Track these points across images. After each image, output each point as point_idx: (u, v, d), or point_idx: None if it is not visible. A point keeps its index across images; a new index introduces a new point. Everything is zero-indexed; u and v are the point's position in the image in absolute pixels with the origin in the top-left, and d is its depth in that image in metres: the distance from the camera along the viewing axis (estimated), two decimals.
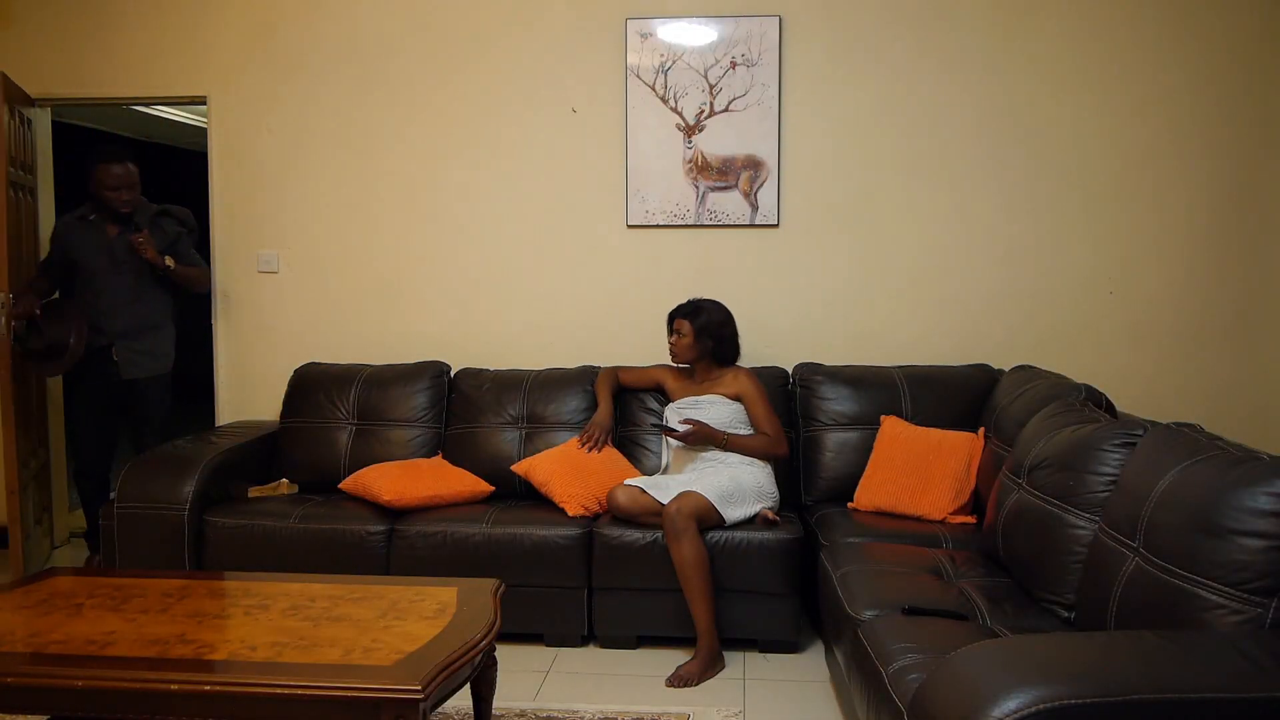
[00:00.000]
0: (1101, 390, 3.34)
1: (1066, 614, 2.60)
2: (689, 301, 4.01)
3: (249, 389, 4.74)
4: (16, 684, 2.27)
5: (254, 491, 4.07)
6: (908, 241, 4.40)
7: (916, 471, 3.71)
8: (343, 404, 4.32)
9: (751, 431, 3.86)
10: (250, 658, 2.34)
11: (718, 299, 4.03)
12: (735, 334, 4.01)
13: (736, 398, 3.90)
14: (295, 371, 4.48)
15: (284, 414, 4.39)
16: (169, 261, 4.29)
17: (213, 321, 4.75)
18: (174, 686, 2.21)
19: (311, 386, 4.39)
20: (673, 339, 3.98)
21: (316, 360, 4.57)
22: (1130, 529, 2.34)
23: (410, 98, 4.57)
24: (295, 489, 4.18)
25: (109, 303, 4.30)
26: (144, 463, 3.92)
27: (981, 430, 3.76)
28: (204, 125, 4.77)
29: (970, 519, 3.60)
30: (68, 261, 4.35)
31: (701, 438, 3.76)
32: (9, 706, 2.41)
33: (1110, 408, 3.28)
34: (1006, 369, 4.05)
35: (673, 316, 4.00)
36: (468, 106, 4.54)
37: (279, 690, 2.19)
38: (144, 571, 3.23)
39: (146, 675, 2.24)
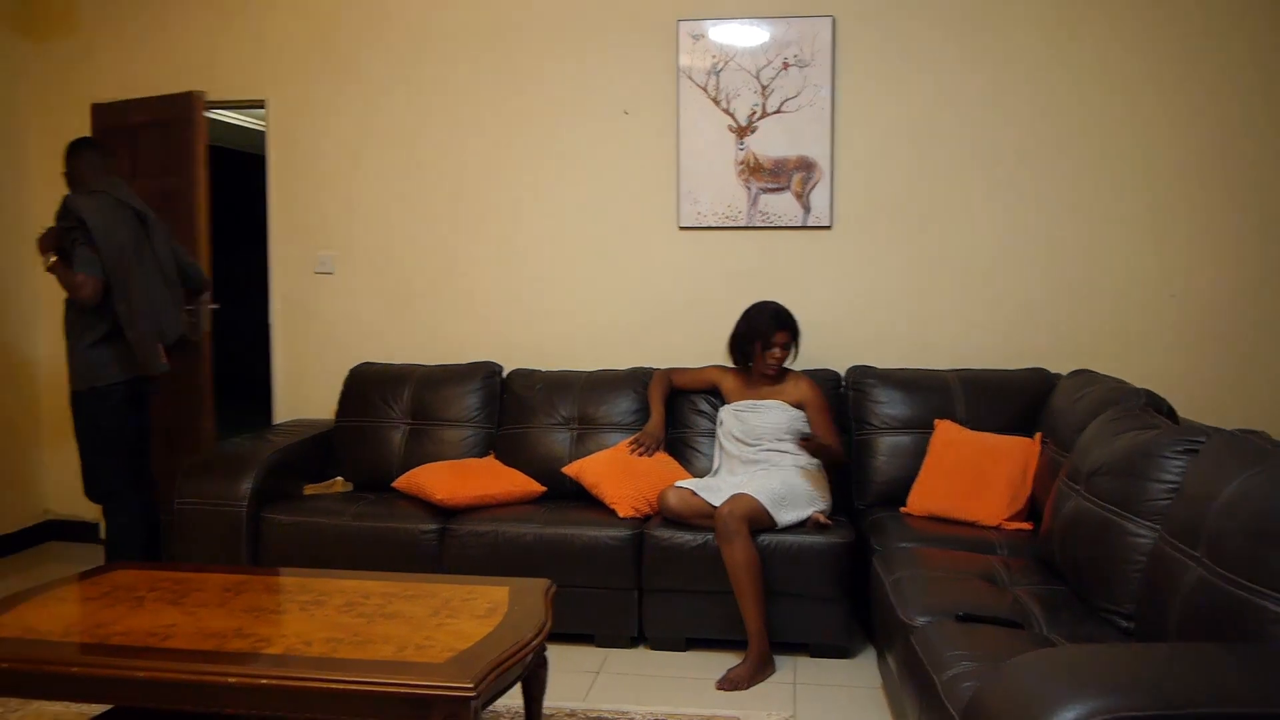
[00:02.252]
0: (1162, 395, 3.27)
1: (1125, 624, 2.55)
2: (766, 311, 3.90)
3: (305, 388, 4.81)
4: (81, 674, 2.33)
5: (309, 489, 4.13)
6: (962, 243, 4.35)
7: (971, 476, 3.67)
8: (397, 404, 4.37)
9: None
10: (305, 653, 2.37)
11: (771, 300, 4.00)
12: None
13: (798, 404, 3.87)
14: (350, 371, 4.54)
15: (339, 413, 4.45)
16: (50, 259, 3.78)
17: (270, 322, 4.83)
18: (231, 679, 2.26)
19: (366, 386, 4.44)
20: (778, 353, 3.87)
21: (371, 360, 4.63)
22: (1192, 538, 2.29)
23: (464, 101, 4.61)
24: (350, 487, 4.24)
25: None
26: (204, 460, 4.00)
27: (1038, 435, 3.70)
28: (262, 128, 4.85)
29: (1026, 525, 3.55)
30: None
31: (819, 449, 3.69)
32: (74, 695, 2.48)
33: (1171, 413, 3.22)
34: (1063, 373, 3.98)
35: (774, 330, 3.86)
36: (521, 109, 4.57)
37: (333, 685, 2.22)
38: (203, 566, 3.29)
39: (205, 668, 2.29)
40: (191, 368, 4.50)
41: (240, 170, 6.78)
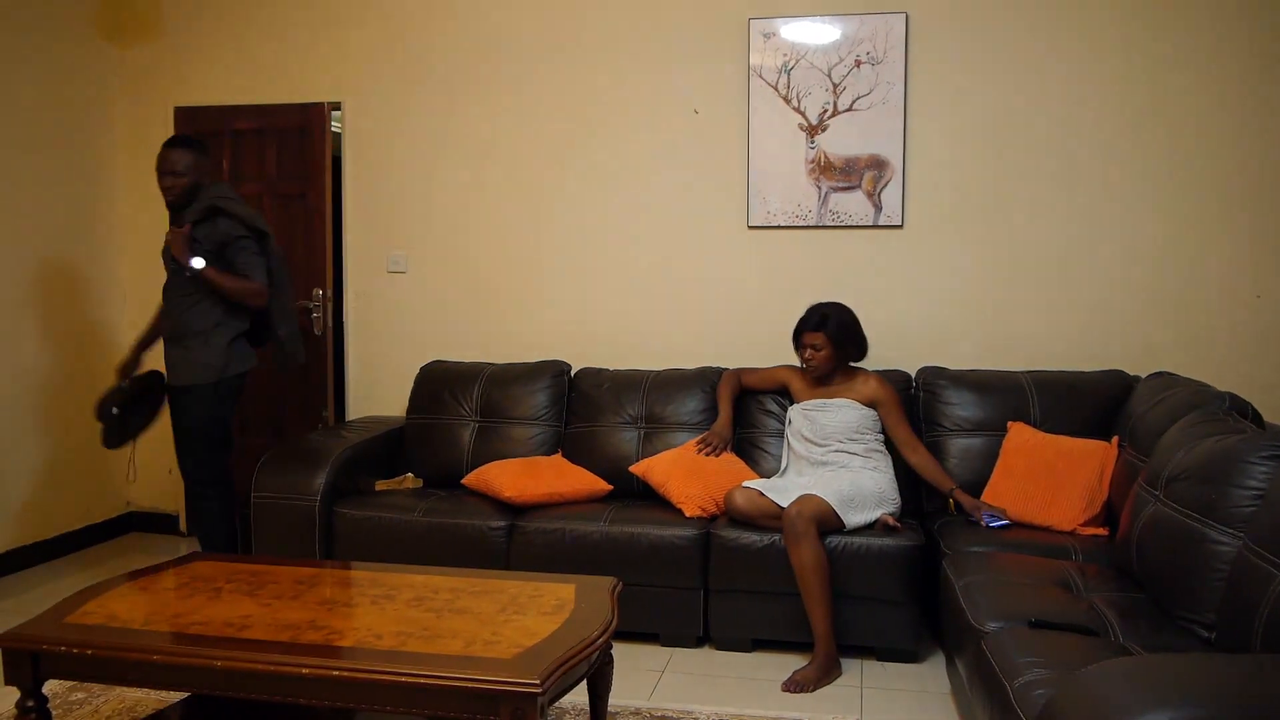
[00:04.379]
0: (1247, 399, 3.18)
1: (1206, 634, 2.48)
2: (812, 312, 3.86)
3: (377, 385, 4.90)
4: (163, 662, 2.40)
5: (380, 485, 4.20)
6: (1037, 243, 4.26)
7: (1045, 480, 3.59)
8: (466, 401, 4.42)
9: (878, 435, 3.83)
10: (376, 646, 2.41)
11: (837, 300, 3.96)
12: (862, 330, 3.92)
13: (870, 403, 3.83)
14: (421, 369, 4.60)
15: (410, 410, 4.51)
16: (195, 263, 3.84)
17: (344, 320, 4.92)
18: (305, 671, 2.30)
19: (436, 384, 4.50)
20: (807, 354, 3.83)
21: (441, 358, 4.69)
22: (1279, 547, 2.22)
23: (535, 102, 4.64)
24: (420, 483, 4.30)
25: (166, 302, 4.08)
26: (279, 455, 4.09)
27: (1115, 439, 3.62)
28: (338, 130, 4.94)
29: (1102, 531, 3.47)
30: None
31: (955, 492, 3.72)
32: (154, 682, 2.55)
33: (1257, 418, 3.13)
34: (1142, 375, 3.89)
35: (799, 332, 3.85)
36: (590, 109, 4.59)
37: (403, 679, 2.25)
38: (278, 559, 3.36)
39: (280, 659, 2.35)
40: (320, 358, 4.90)
41: None
